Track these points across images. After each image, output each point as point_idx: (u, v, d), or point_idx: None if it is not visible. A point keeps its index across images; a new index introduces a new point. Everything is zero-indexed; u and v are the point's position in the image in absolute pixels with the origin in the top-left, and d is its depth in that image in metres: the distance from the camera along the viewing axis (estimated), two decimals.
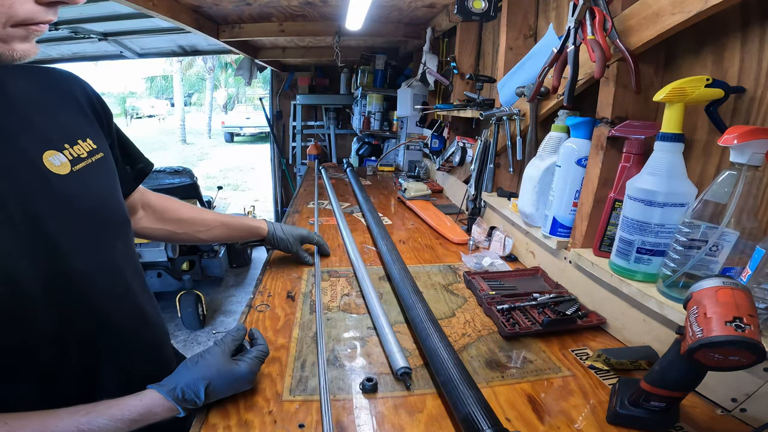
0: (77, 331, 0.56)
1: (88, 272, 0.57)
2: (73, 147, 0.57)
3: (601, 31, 0.80)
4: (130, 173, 0.76)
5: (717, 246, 0.64)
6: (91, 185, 0.58)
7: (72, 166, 0.56)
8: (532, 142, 1.20)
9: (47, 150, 0.54)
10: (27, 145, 0.52)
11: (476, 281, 1.06)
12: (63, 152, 0.56)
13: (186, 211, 0.95)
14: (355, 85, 3.78)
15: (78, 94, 0.63)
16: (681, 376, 0.54)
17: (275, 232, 1.10)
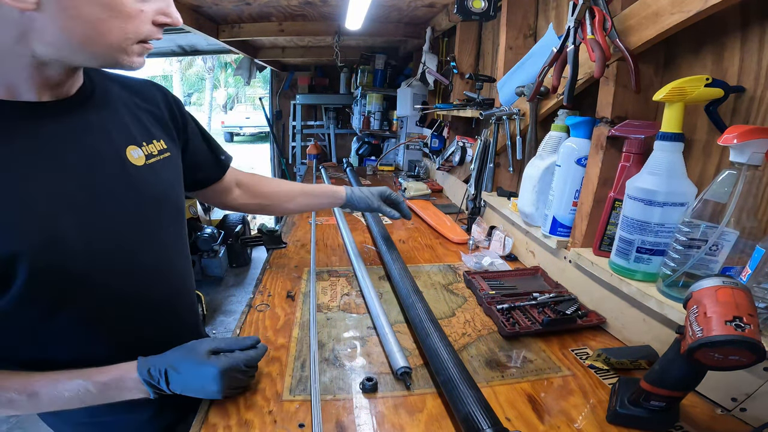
0: (118, 296, 0.64)
1: (138, 245, 0.66)
2: (149, 145, 0.69)
3: (601, 30, 0.80)
4: (215, 163, 0.90)
5: (717, 245, 0.64)
6: (158, 177, 0.69)
7: (146, 159, 0.68)
8: (532, 142, 1.20)
9: (130, 145, 0.66)
10: (117, 139, 0.65)
11: (476, 281, 1.06)
12: (141, 148, 0.68)
13: (273, 184, 1.10)
14: (354, 85, 3.78)
15: (159, 101, 0.76)
16: (681, 375, 0.54)
17: (353, 194, 1.14)
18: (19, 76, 0.53)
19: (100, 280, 0.61)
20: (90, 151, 0.60)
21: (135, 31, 0.54)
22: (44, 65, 0.54)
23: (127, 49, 0.54)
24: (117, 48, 0.54)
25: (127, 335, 0.67)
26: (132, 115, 0.69)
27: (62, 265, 0.56)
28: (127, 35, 0.53)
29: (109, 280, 0.62)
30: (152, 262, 0.69)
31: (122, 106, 0.68)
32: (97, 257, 0.60)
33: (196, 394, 0.62)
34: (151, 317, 0.70)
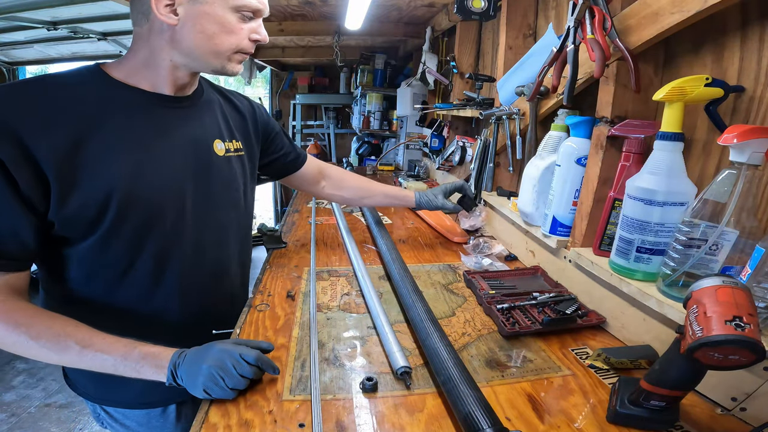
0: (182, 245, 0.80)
1: (202, 208, 0.83)
2: (229, 142, 0.89)
3: (601, 30, 0.80)
4: (295, 156, 1.14)
5: (717, 245, 0.64)
6: (230, 167, 0.88)
7: (225, 152, 0.87)
8: (532, 142, 1.20)
9: (216, 138, 0.86)
10: (210, 131, 0.85)
11: (476, 280, 1.06)
12: (224, 143, 0.88)
13: (356, 181, 1.29)
14: (354, 85, 3.78)
15: (245, 110, 0.97)
16: (681, 375, 0.54)
17: (420, 200, 1.28)
18: (160, 75, 0.74)
19: (169, 226, 0.77)
20: (190, 135, 0.80)
21: (237, 44, 0.74)
22: (177, 69, 0.74)
23: (231, 57, 0.74)
24: (225, 56, 0.74)
25: (185, 289, 0.82)
26: (223, 118, 0.90)
27: (141, 199, 0.72)
28: (231, 46, 0.73)
29: (177, 226, 0.78)
30: (211, 229, 0.85)
31: (218, 110, 0.89)
32: (168, 204, 0.76)
33: (191, 385, 0.63)
34: (203, 278, 0.86)
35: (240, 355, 0.66)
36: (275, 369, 0.69)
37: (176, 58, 0.72)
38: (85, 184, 0.66)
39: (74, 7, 2.24)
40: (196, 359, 0.65)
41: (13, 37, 2.78)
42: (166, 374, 0.65)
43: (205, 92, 0.87)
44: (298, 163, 1.15)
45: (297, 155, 1.15)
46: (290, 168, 1.14)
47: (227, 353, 0.66)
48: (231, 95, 0.96)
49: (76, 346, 0.64)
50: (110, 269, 0.74)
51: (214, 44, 0.71)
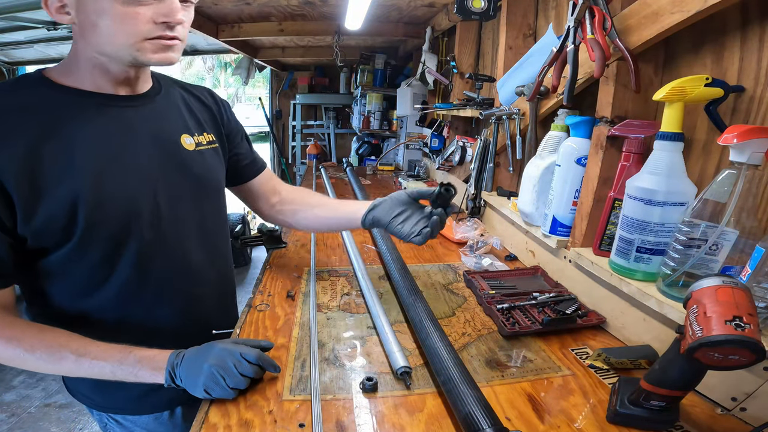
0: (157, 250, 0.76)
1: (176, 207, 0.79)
2: (200, 135, 0.85)
3: (601, 30, 0.80)
4: (252, 162, 1.01)
5: (717, 245, 0.64)
6: (203, 161, 0.84)
7: (196, 146, 0.83)
8: (532, 142, 1.20)
9: (184, 133, 0.82)
10: (174, 127, 0.81)
11: (476, 280, 1.06)
12: (193, 137, 0.83)
13: (310, 199, 1.06)
14: (354, 85, 3.78)
15: (211, 103, 0.92)
16: (681, 375, 0.54)
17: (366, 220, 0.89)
18: (95, 74, 0.70)
19: (146, 228, 0.73)
20: (152, 133, 0.76)
21: (138, 32, 0.64)
22: (106, 66, 0.69)
23: (140, 47, 0.66)
24: (132, 47, 0.65)
25: (173, 292, 0.80)
26: (189, 112, 0.86)
27: (110, 204, 0.68)
28: (131, 36, 0.64)
29: (154, 228, 0.74)
30: (191, 225, 0.82)
31: (182, 104, 0.85)
32: (140, 206, 0.72)
33: (191, 385, 0.64)
34: (190, 276, 0.82)
35: (241, 354, 0.66)
36: (276, 367, 0.70)
37: (96, 55, 0.67)
38: (48, 195, 0.64)
39: None
40: (196, 359, 0.65)
41: (13, 37, 2.78)
42: (164, 376, 0.65)
43: (163, 88, 0.82)
44: (254, 170, 1.02)
45: (254, 161, 1.03)
46: (246, 173, 1.01)
47: (228, 352, 0.66)
48: (194, 89, 0.91)
49: (71, 355, 0.64)
50: (91, 278, 0.72)
51: (112, 37, 0.64)
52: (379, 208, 0.86)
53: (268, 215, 1.06)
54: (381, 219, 0.85)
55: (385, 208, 0.86)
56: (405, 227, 0.82)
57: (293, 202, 1.04)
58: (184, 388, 0.65)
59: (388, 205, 0.86)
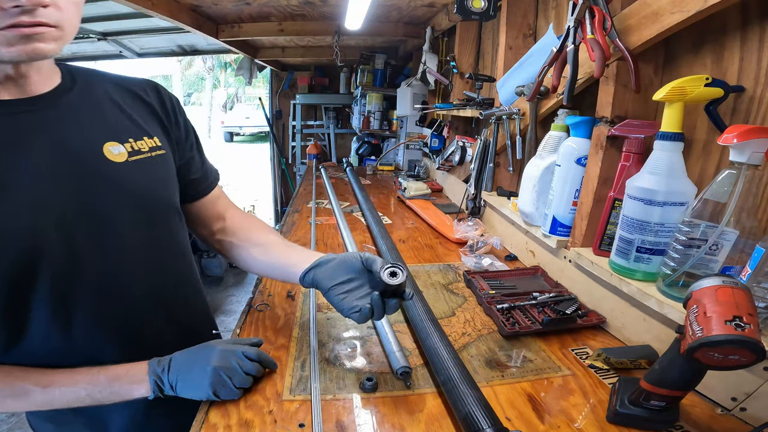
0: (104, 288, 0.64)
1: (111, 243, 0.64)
2: (137, 142, 0.68)
3: (601, 30, 0.80)
4: (203, 176, 0.83)
5: (717, 245, 0.64)
6: (141, 174, 0.67)
7: (129, 156, 0.66)
8: (532, 141, 1.20)
9: (108, 141, 0.65)
10: (92, 135, 0.64)
11: (476, 280, 1.06)
12: (124, 144, 0.66)
13: (261, 235, 0.86)
14: (354, 85, 3.78)
15: (153, 100, 0.74)
16: (681, 375, 0.54)
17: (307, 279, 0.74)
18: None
19: (60, 261, 0.59)
20: (57, 144, 0.59)
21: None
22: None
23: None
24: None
25: (109, 340, 0.65)
26: (120, 112, 0.68)
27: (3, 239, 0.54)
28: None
29: (72, 260, 0.60)
30: (128, 257, 0.66)
31: (108, 104, 0.68)
32: (46, 236, 0.57)
33: (192, 388, 0.63)
34: (132, 313, 0.68)
35: (243, 352, 0.67)
36: (274, 363, 0.71)
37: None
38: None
39: None
40: (195, 362, 0.64)
41: None
42: (149, 387, 0.62)
43: (78, 85, 0.66)
44: (203, 188, 0.83)
45: (206, 175, 0.84)
46: (192, 191, 0.82)
47: (230, 352, 0.66)
48: (130, 83, 0.73)
49: (35, 387, 0.59)
50: (6, 326, 0.58)
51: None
52: (322, 270, 0.71)
53: (208, 242, 0.88)
54: (321, 283, 0.70)
55: (328, 271, 0.71)
56: (346, 301, 0.67)
57: (234, 235, 0.85)
58: (175, 395, 0.62)
59: (334, 268, 0.71)
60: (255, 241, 0.84)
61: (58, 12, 0.53)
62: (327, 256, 0.74)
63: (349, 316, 0.67)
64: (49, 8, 0.52)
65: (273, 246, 0.83)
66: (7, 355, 0.60)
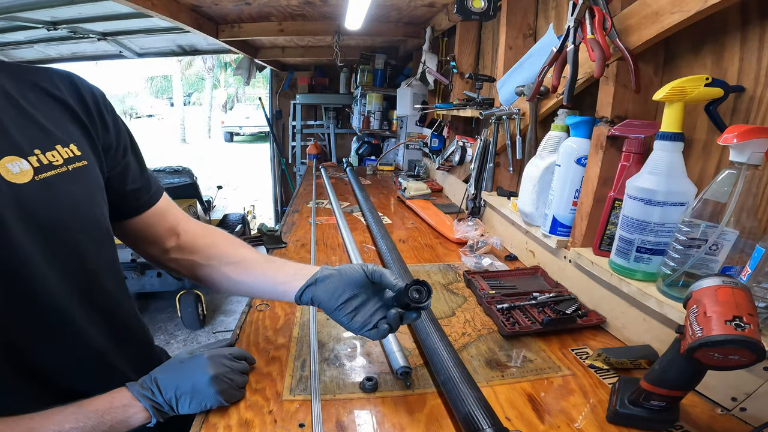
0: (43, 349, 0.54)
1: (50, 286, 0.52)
2: (47, 153, 0.53)
3: (601, 30, 0.80)
4: (143, 186, 0.69)
5: (717, 245, 0.64)
6: (59, 195, 0.53)
7: (36, 174, 0.51)
8: (532, 141, 1.20)
9: (5, 156, 0.49)
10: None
11: (476, 280, 1.06)
12: (29, 158, 0.51)
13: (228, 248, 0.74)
14: (354, 85, 3.78)
15: (68, 95, 0.58)
16: (681, 375, 0.54)
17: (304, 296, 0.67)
18: None
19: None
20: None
21: None
22: None
23: None
24: None
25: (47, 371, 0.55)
26: (20, 116, 0.53)
27: None
28: None
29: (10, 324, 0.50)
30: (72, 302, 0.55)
31: (3, 104, 0.52)
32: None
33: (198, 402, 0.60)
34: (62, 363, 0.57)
35: (230, 353, 0.67)
36: (253, 359, 0.72)
37: None
38: None
39: (74, 7, 2.24)
40: (190, 375, 0.60)
41: (13, 37, 2.78)
42: (148, 413, 0.56)
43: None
44: (144, 201, 0.69)
45: (147, 186, 0.69)
46: (131, 205, 0.68)
47: (219, 357, 0.65)
48: (36, 75, 0.57)
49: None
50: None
51: None
52: (323, 287, 0.64)
53: (159, 261, 0.74)
54: (324, 302, 0.64)
55: (330, 288, 0.63)
56: (357, 319, 0.62)
57: (194, 252, 0.73)
58: (177, 413, 0.59)
59: (336, 285, 0.63)
60: (226, 259, 0.72)
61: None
62: (323, 270, 0.66)
63: (363, 335, 0.63)
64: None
65: (251, 263, 0.72)
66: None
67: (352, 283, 0.63)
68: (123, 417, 0.55)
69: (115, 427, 0.54)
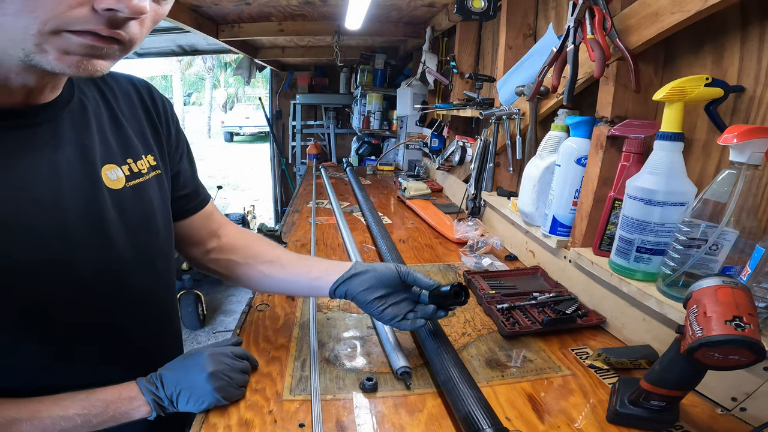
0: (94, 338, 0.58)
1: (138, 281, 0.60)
2: (137, 162, 0.59)
3: (601, 30, 0.80)
4: (194, 190, 0.74)
5: (717, 245, 0.64)
6: (144, 201, 0.60)
7: (127, 181, 0.58)
8: (532, 141, 1.20)
9: (106, 164, 0.56)
10: (95, 158, 0.55)
11: (476, 280, 1.06)
12: (122, 167, 0.57)
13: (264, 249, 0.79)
14: (354, 85, 3.78)
15: (150, 104, 0.64)
16: (681, 375, 0.54)
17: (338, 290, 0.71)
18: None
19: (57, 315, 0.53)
20: (49, 172, 0.49)
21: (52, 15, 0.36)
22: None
23: (44, 40, 0.38)
24: (30, 39, 0.37)
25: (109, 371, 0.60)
26: (118, 127, 0.58)
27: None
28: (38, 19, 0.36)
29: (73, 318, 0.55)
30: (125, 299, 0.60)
31: (104, 114, 0.57)
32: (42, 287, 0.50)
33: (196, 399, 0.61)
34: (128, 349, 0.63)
35: (232, 352, 0.67)
36: (256, 361, 0.72)
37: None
38: None
39: None
40: (190, 371, 0.61)
41: None
42: (149, 407, 0.58)
43: (77, 91, 0.55)
44: (194, 205, 0.74)
45: (197, 191, 0.75)
46: (182, 208, 0.72)
47: (220, 354, 0.65)
48: (127, 82, 0.62)
49: (23, 418, 0.50)
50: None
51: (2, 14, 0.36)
52: (357, 283, 0.68)
53: (200, 263, 0.79)
54: (359, 297, 0.68)
55: (364, 284, 0.68)
56: (387, 311, 0.68)
57: (234, 252, 0.77)
58: (177, 410, 0.60)
59: (370, 281, 0.68)
60: (262, 258, 0.77)
61: (139, 28, 0.44)
62: (356, 266, 0.71)
63: (393, 326, 0.69)
64: (138, 22, 0.43)
65: (286, 260, 0.78)
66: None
67: (386, 281, 0.69)
68: (126, 408, 0.57)
69: (117, 418, 0.56)
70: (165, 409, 0.60)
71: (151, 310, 0.66)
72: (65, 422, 0.52)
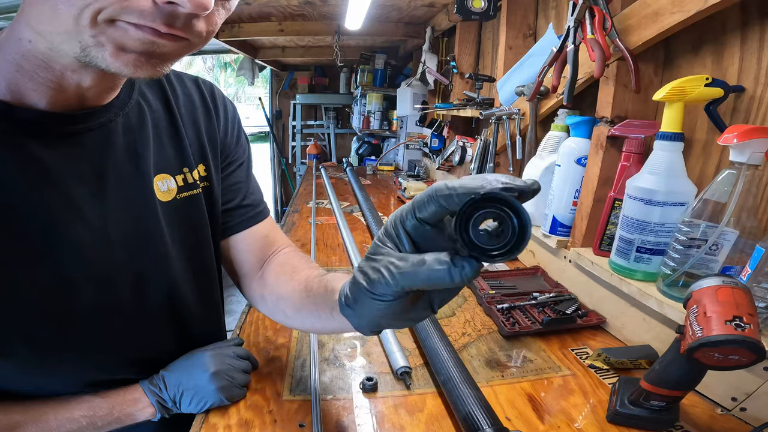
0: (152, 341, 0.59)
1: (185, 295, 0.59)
2: (192, 172, 0.56)
3: (601, 30, 0.80)
4: (250, 204, 0.67)
5: (717, 245, 0.64)
6: (192, 214, 0.57)
7: (178, 192, 0.55)
8: (532, 142, 1.20)
9: (159, 174, 0.53)
10: (147, 168, 0.52)
11: (476, 280, 1.06)
12: (176, 177, 0.54)
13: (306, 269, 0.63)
14: (354, 85, 3.78)
15: (212, 107, 0.60)
16: (681, 375, 0.54)
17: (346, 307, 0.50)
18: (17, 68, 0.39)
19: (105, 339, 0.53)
20: (103, 182, 0.47)
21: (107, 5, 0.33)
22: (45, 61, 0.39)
23: (99, 31, 0.35)
24: (82, 30, 0.34)
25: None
26: (175, 133, 0.54)
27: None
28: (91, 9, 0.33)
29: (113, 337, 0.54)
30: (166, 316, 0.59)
31: (164, 119, 0.54)
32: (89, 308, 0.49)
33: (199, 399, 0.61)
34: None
35: (233, 352, 0.67)
36: (257, 362, 0.71)
37: (31, 36, 0.38)
38: None
39: None
40: (192, 372, 0.61)
41: None
42: (154, 408, 0.58)
43: (136, 91, 0.52)
44: (249, 218, 0.66)
45: (255, 205, 0.67)
46: (236, 221, 0.65)
47: (222, 355, 0.65)
48: (181, 82, 0.58)
49: (28, 420, 0.50)
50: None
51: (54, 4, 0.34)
52: None
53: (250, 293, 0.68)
54: None
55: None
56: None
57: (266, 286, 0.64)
58: (180, 411, 0.60)
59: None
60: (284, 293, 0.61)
61: (205, 26, 0.39)
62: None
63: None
64: (202, 20, 0.38)
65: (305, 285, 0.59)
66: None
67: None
68: (131, 410, 0.57)
69: (121, 419, 0.56)
70: (169, 410, 0.60)
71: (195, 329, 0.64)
72: (71, 424, 0.52)
